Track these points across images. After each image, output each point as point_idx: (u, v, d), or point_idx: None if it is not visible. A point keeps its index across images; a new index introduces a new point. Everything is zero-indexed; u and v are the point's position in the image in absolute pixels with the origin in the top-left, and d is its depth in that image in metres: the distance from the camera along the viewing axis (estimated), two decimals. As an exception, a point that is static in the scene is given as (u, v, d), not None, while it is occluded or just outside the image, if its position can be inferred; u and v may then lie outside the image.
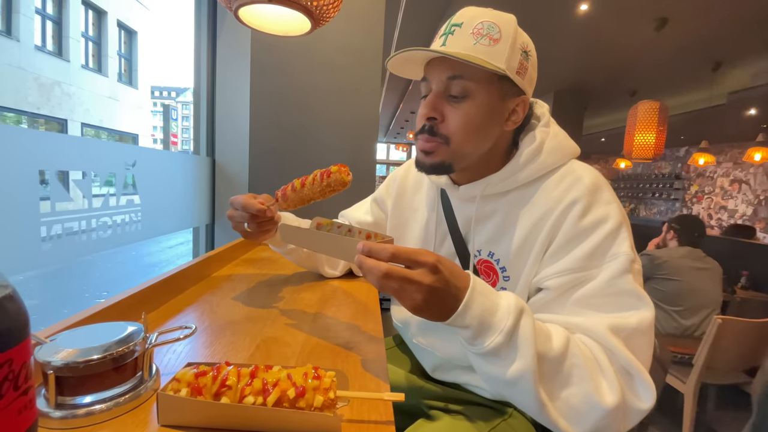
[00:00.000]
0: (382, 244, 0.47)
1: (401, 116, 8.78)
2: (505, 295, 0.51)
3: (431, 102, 0.62)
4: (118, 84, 11.87)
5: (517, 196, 0.65)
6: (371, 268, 0.46)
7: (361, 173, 1.76)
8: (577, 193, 0.59)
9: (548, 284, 0.59)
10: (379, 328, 0.68)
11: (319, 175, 0.69)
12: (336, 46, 1.65)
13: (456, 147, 0.63)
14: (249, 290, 0.85)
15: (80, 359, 0.40)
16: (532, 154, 0.64)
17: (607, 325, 0.53)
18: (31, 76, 8.65)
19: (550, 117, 0.69)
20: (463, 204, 0.71)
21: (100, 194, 0.96)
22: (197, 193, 1.54)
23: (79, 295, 4.49)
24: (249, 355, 0.55)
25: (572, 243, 0.58)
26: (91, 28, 10.84)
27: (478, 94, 0.61)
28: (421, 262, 0.45)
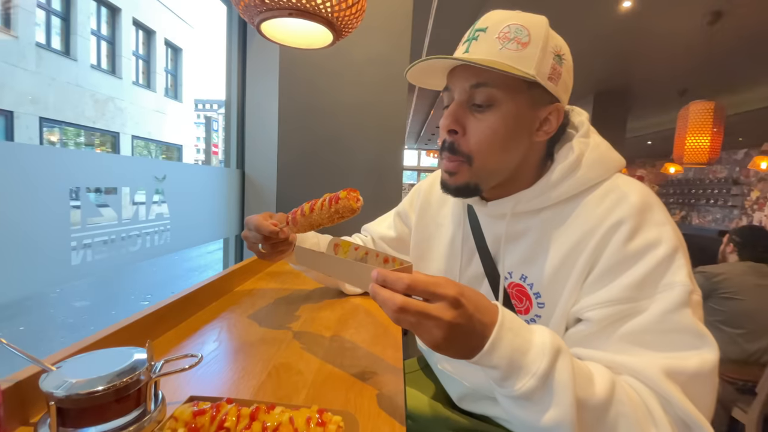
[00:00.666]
0: (397, 273, 0.43)
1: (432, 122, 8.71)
2: (539, 331, 0.45)
3: (452, 112, 0.58)
4: (164, 98, 12.63)
5: (553, 215, 0.59)
6: (385, 300, 0.42)
7: (388, 183, 1.73)
8: (622, 213, 0.52)
9: (589, 316, 0.52)
10: (399, 356, 0.64)
11: (327, 200, 0.66)
12: (362, 57, 1.64)
13: (480, 165, 0.57)
14: (268, 307, 0.84)
15: (82, 391, 0.39)
16: (569, 168, 0.57)
17: (661, 367, 0.46)
18: (88, 93, 9.37)
19: (590, 126, 0.63)
20: (491, 221, 0.65)
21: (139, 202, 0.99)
22: (227, 205, 1.57)
23: (125, 297, 4.75)
24: (259, 383, 0.53)
25: (618, 270, 0.51)
26: (141, 47, 11.64)
27: (504, 103, 0.55)
28: (440, 295, 0.41)
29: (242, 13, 0.85)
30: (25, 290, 0.74)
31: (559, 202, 0.58)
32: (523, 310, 0.62)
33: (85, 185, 0.83)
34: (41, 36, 8.13)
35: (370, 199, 1.66)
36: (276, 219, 0.74)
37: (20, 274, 0.73)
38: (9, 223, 0.70)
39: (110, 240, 0.91)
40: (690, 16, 3.07)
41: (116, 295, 4.78)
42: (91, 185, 0.85)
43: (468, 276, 0.69)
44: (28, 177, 0.73)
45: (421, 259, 0.79)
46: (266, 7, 0.80)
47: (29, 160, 0.73)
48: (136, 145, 11.49)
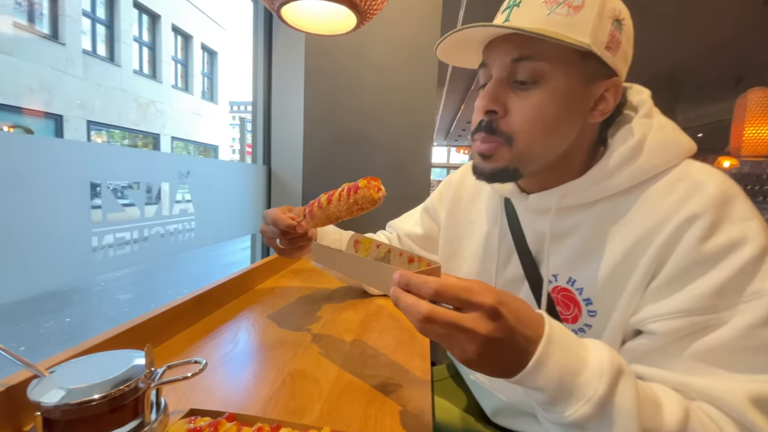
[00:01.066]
0: (423, 276, 0.36)
1: (463, 118, 8.51)
2: (595, 347, 0.37)
3: (491, 91, 0.49)
4: (201, 100, 13.12)
5: (608, 208, 0.50)
6: (409, 308, 0.35)
7: (415, 180, 1.66)
8: (697, 206, 0.43)
9: (654, 328, 0.43)
10: (427, 365, 0.57)
11: (345, 190, 0.59)
12: (389, 46, 1.58)
13: (522, 148, 0.49)
14: (288, 307, 0.79)
15: (73, 401, 0.35)
16: (628, 153, 0.48)
17: (746, 393, 0.37)
18: (131, 97, 9.88)
19: (652, 105, 0.53)
20: (533, 217, 0.57)
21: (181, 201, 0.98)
22: (253, 201, 1.55)
23: (163, 291, 4.95)
24: (272, 392, 0.48)
25: (691, 274, 0.42)
26: (180, 52, 12.14)
27: (552, 79, 0.47)
28: (475, 303, 0.33)
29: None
30: (48, 286, 0.73)
31: (616, 194, 0.49)
32: (571, 318, 0.53)
33: (106, 180, 0.82)
34: (87, 43, 8.63)
35: (397, 196, 1.60)
36: (295, 212, 0.69)
37: (42, 269, 0.72)
38: (32, 218, 0.69)
39: (134, 236, 0.89)
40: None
41: (156, 288, 4.98)
42: (113, 180, 0.84)
43: (505, 279, 0.61)
44: (48, 171, 0.72)
45: (450, 259, 0.72)
46: (286, -11, 0.75)
47: (50, 154, 0.72)
48: (176, 146, 12.01)
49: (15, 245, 0.67)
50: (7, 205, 0.65)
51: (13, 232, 0.66)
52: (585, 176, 0.51)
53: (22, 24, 7.10)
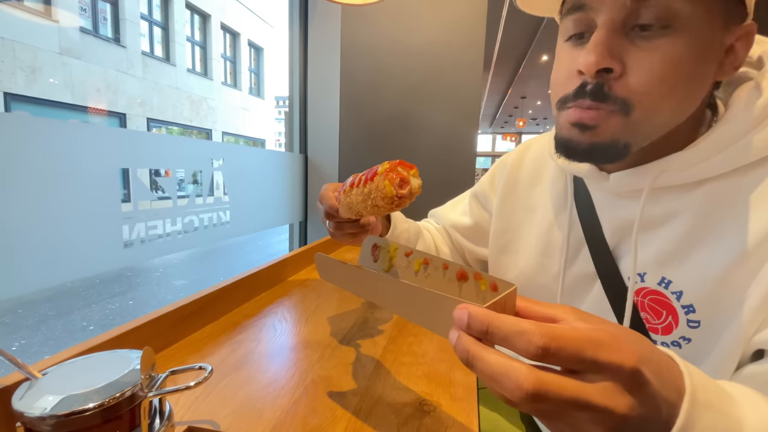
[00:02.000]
0: (516, 322, 0.22)
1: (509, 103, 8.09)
2: (748, 402, 0.26)
3: (606, 40, 0.36)
4: (249, 96, 13.61)
5: (724, 189, 0.38)
6: (500, 376, 0.22)
7: (459, 168, 1.55)
8: None
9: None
10: (472, 378, 0.48)
11: (363, 177, 0.43)
12: (431, 24, 1.47)
13: (642, 117, 0.37)
14: (318, 302, 0.73)
15: (60, 412, 0.30)
16: (752, 120, 0.37)
17: None
18: (185, 95, 10.45)
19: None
20: (615, 201, 0.46)
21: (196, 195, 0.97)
22: (290, 191, 1.53)
23: (216, 278, 5.20)
24: (290, 404, 0.42)
25: None
26: (228, 49, 12.62)
27: (689, 23, 0.35)
28: (608, 367, 0.21)
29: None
30: (79, 272, 0.73)
31: (735, 170, 0.38)
32: (661, 329, 0.42)
33: (137, 166, 0.80)
34: (146, 45, 9.20)
35: (439, 186, 1.49)
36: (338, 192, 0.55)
37: (73, 256, 0.71)
38: (62, 206, 0.69)
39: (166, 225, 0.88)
40: None
41: (209, 275, 5.26)
42: (143, 166, 0.82)
43: (572, 277, 0.50)
44: (80, 157, 0.71)
45: (503, 254, 0.62)
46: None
47: (80, 140, 0.71)
48: (226, 140, 12.60)
49: (53, 233, 0.66)
50: (46, 192, 0.65)
51: (48, 219, 0.66)
52: (694, 147, 0.39)
53: (87, 29, 7.70)
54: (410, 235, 0.68)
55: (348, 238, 0.58)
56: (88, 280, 4.19)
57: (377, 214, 0.44)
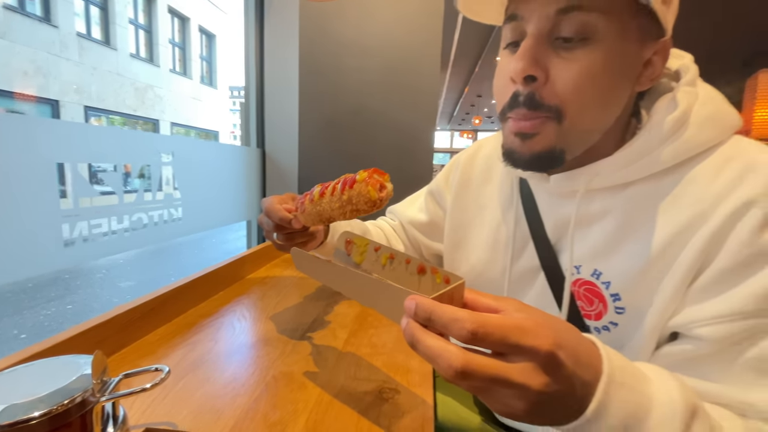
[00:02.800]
0: (452, 310, 0.26)
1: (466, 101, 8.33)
2: (659, 381, 0.30)
3: (530, 50, 0.40)
4: (200, 85, 12.92)
5: (645, 191, 0.43)
6: (435, 357, 0.26)
7: (417, 163, 1.59)
8: (753, 190, 0.37)
9: (701, 333, 0.37)
10: (428, 367, 0.51)
11: (341, 183, 0.46)
12: (389, 23, 1.48)
13: (573, 122, 0.41)
14: (278, 300, 0.73)
15: (4, 422, 0.29)
16: (672, 126, 0.41)
17: None
18: (128, 81, 9.71)
19: (697, 71, 0.45)
20: (555, 200, 0.50)
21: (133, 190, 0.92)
22: (247, 186, 1.49)
23: (167, 279, 4.94)
24: (250, 402, 0.42)
25: (746, 270, 0.36)
26: (177, 35, 11.88)
27: (606, 36, 0.39)
28: (527, 350, 0.25)
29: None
30: (17, 275, 0.67)
31: (655, 174, 0.42)
32: (594, 315, 0.47)
33: (78, 161, 0.75)
34: (81, 26, 8.43)
35: (397, 181, 1.52)
36: (297, 203, 0.57)
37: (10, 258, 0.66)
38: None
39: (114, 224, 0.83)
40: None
41: (159, 276, 4.97)
42: (86, 161, 0.77)
43: (519, 270, 0.54)
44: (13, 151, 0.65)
45: (456, 249, 0.65)
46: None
47: (16, 132, 0.65)
48: (176, 132, 11.89)
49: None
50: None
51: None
52: (619, 153, 0.43)
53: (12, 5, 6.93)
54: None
55: (299, 246, 0.59)
56: (18, 284, 3.82)
57: (353, 217, 0.47)
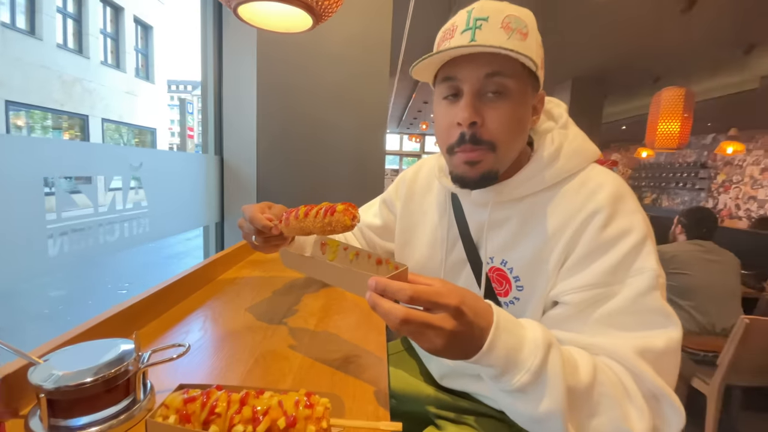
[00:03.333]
0: (398, 283, 0.42)
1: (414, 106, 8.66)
2: (531, 327, 0.48)
3: (471, 104, 0.56)
4: (135, 79, 12.06)
5: (533, 203, 0.61)
6: (387, 313, 0.41)
7: (370, 167, 1.73)
8: (598, 202, 0.55)
9: (567, 299, 0.55)
10: (383, 339, 0.66)
11: (323, 210, 0.60)
12: (343, 38, 1.62)
13: (503, 152, 0.58)
14: (252, 296, 0.84)
15: (72, 383, 0.39)
16: (549, 159, 0.60)
17: (633, 347, 0.49)
18: (54, 74, 8.86)
19: (568, 118, 0.66)
20: (475, 209, 0.68)
21: (115, 188, 0.97)
22: (206, 192, 1.55)
23: (103, 286, 4.64)
24: (246, 370, 0.54)
25: (593, 256, 0.54)
26: (109, 25, 11.02)
27: (515, 92, 0.56)
28: (443, 305, 0.41)
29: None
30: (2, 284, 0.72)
31: (539, 191, 0.61)
32: (503, 293, 0.65)
33: (58, 174, 0.81)
34: (5, 15, 7.58)
35: (353, 183, 1.67)
36: (274, 211, 0.71)
37: None
38: (-20, 215, 0.68)
39: (87, 231, 0.89)
40: (665, 3, 3.13)
41: (92, 284, 4.65)
42: (64, 174, 0.83)
43: (451, 262, 0.72)
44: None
45: (405, 247, 0.81)
46: (244, -9, 0.78)
47: None
48: (107, 129, 11.00)
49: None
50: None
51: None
52: (516, 176, 0.62)
53: None
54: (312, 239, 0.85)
55: (271, 248, 0.74)
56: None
57: (329, 234, 0.61)
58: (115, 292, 4.48)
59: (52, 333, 0.52)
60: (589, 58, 4.63)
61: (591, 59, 4.67)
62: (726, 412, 2.00)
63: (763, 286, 2.51)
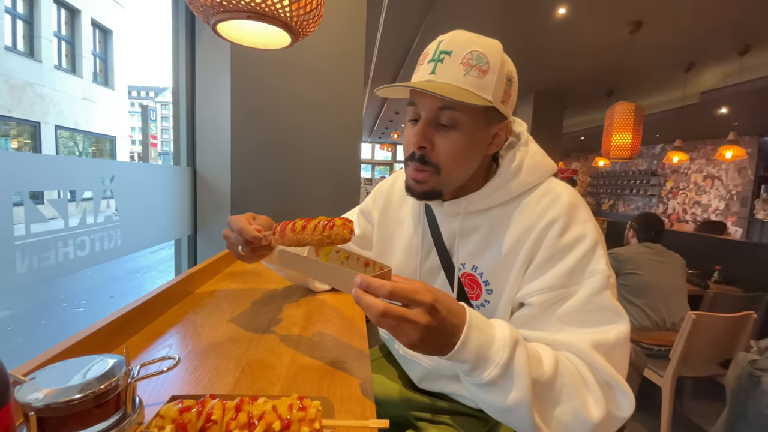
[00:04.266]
0: (380, 281, 0.47)
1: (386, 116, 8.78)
2: (499, 326, 0.53)
3: (422, 131, 0.63)
4: (93, 85, 11.51)
5: (499, 213, 0.67)
6: (369, 306, 0.46)
7: (346, 177, 1.76)
8: (556, 212, 0.62)
9: (531, 301, 0.61)
10: (365, 344, 0.69)
11: (321, 224, 0.64)
12: (318, 53, 1.65)
13: (446, 175, 0.65)
14: (233, 308, 0.85)
15: (61, 399, 0.40)
16: (512, 173, 0.66)
17: (589, 341, 0.56)
18: (1, 78, 8.31)
19: (528, 136, 0.72)
20: (447, 219, 0.73)
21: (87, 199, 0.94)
22: (179, 204, 1.52)
23: (57, 305, 4.35)
24: (234, 380, 0.55)
25: (553, 260, 0.60)
26: (64, 28, 10.48)
27: (465, 125, 0.62)
28: (418, 302, 0.46)
29: (198, 11, 0.83)
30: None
31: (504, 202, 0.67)
32: (474, 296, 0.70)
33: (27, 189, 0.78)
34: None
35: (330, 193, 1.69)
36: (260, 221, 0.74)
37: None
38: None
39: (57, 246, 0.86)
40: (616, 25, 3.39)
41: (45, 302, 4.35)
42: (33, 189, 0.80)
43: (426, 269, 0.76)
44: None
45: (383, 254, 0.85)
46: (223, 9, 0.80)
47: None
48: (60, 136, 10.39)
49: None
50: None
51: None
52: (483, 189, 0.67)
53: None
54: (296, 249, 0.87)
55: (256, 258, 0.76)
56: None
57: (323, 246, 0.65)
58: (72, 310, 4.21)
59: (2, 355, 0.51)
60: (549, 73, 4.90)
61: (551, 74, 4.95)
62: (679, 402, 2.16)
63: (707, 284, 2.73)
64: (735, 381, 1.41)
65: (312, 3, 0.83)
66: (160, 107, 45.57)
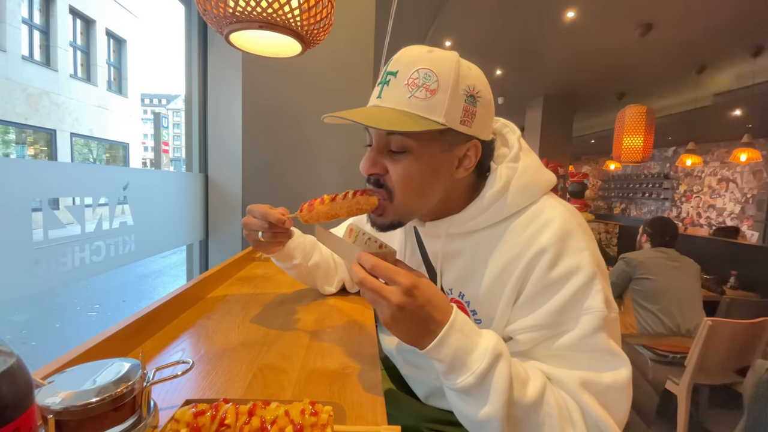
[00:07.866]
0: (367, 254, 0.50)
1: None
2: (487, 336, 0.50)
3: (370, 158, 0.61)
4: (107, 93, 11.77)
5: (484, 237, 0.62)
6: (353, 274, 0.50)
7: (356, 183, 1.77)
8: (545, 241, 0.55)
9: (519, 338, 0.57)
10: (375, 351, 0.69)
11: (351, 192, 0.64)
12: (327, 62, 1.67)
13: (400, 203, 0.61)
14: (244, 312, 0.86)
15: (79, 402, 0.40)
16: (496, 195, 0.60)
17: (578, 379, 0.51)
18: (19, 87, 8.55)
19: (521, 146, 0.64)
20: (430, 239, 0.70)
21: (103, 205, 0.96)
22: (191, 210, 1.54)
23: (71, 309, 4.43)
24: (246, 385, 0.56)
25: (542, 296, 0.55)
26: (80, 38, 10.76)
27: (417, 150, 0.57)
28: (396, 281, 0.47)
29: (211, 22, 0.85)
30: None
31: (488, 226, 0.61)
32: None
33: (46, 196, 0.80)
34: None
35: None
36: (280, 210, 0.73)
37: (-21, 290, 0.70)
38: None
39: (74, 251, 0.88)
40: (626, 27, 3.37)
41: (59, 306, 4.44)
42: (51, 196, 0.82)
43: None
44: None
45: None
46: (236, 19, 0.81)
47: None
48: (75, 143, 10.63)
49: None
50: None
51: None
52: (464, 212, 0.62)
53: None
54: (306, 246, 0.89)
55: (275, 246, 0.78)
56: None
57: (355, 215, 0.66)
58: (85, 314, 4.28)
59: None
60: (559, 76, 4.87)
61: (561, 77, 4.93)
62: (695, 411, 2.11)
63: (723, 290, 2.67)
64: (753, 389, 1.37)
65: (322, 12, 0.85)
66: (171, 114, 46.38)
